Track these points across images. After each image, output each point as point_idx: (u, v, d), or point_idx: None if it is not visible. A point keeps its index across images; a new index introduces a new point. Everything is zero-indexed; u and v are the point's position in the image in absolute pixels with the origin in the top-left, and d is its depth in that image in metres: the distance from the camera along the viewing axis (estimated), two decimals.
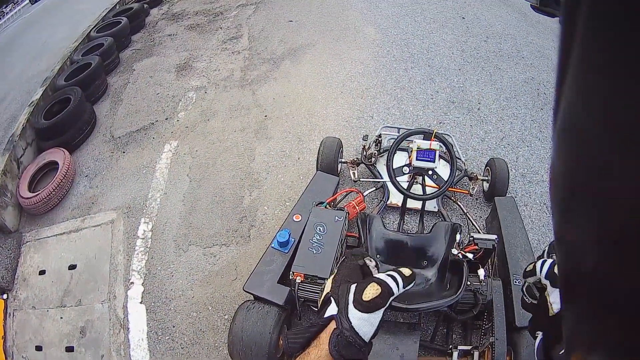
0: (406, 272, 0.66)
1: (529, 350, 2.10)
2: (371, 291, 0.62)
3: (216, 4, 7.25)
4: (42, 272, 3.41)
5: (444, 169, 3.16)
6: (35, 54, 7.49)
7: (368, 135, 3.34)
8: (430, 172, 2.95)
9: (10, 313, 3.26)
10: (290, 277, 2.26)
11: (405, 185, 2.88)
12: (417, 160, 2.87)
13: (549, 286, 0.71)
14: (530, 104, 4.33)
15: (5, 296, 3.37)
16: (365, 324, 0.61)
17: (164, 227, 3.44)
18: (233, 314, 2.32)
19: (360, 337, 0.61)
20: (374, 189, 3.26)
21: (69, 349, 2.94)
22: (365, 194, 2.98)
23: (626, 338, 0.23)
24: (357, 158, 3.32)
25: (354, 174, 3.25)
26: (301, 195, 2.86)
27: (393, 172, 2.75)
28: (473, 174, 3.28)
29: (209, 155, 3.98)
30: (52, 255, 3.51)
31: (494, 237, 2.39)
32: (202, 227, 3.39)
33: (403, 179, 2.94)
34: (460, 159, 3.33)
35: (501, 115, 4.19)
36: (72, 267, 3.37)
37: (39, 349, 3.02)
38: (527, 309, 0.82)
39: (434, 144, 2.86)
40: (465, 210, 3.16)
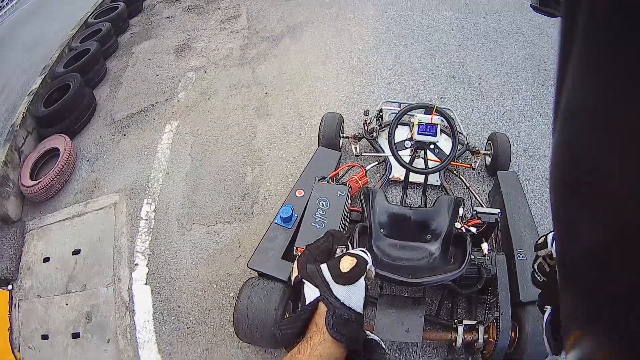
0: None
1: (534, 325, 2.05)
2: (347, 262, 0.61)
3: None
4: (47, 260, 3.36)
5: (445, 143, 3.09)
6: (32, 45, 7.34)
7: (369, 110, 3.25)
8: (432, 146, 2.89)
9: (15, 304, 3.21)
10: (294, 253, 2.24)
11: (407, 159, 2.82)
12: (419, 134, 2.81)
13: None
14: (530, 79, 4.23)
15: (10, 287, 3.32)
16: (352, 295, 0.61)
17: (167, 207, 3.38)
18: (238, 291, 2.27)
19: (353, 310, 0.60)
20: (376, 163, 3.18)
21: (75, 336, 2.90)
22: (367, 168, 2.92)
23: (620, 321, 0.23)
24: (359, 133, 3.23)
25: (355, 148, 3.17)
26: (303, 170, 2.79)
27: (395, 146, 2.69)
28: (475, 148, 3.21)
29: (210, 134, 3.90)
30: (56, 242, 3.45)
31: (497, 211, 2.34)
32: (205, 206, 3.33)
33: (405, 153, 2.89)
34: (462, 133, 3.26)
35: (502, 90, 4.10)
36: (76, 253, 3.31)
37: (45, 337, 2.96)
38: (538, 286, 0.80)
39: (435, 118, 2.79)
40: (468, 184, 3.09)
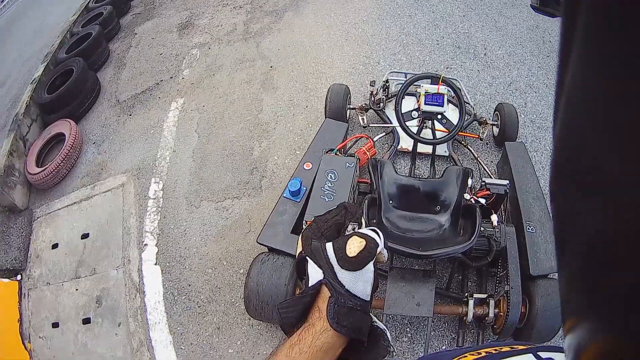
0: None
1: (544, 300, 2.01)
2: (354, 245, 0.52)
3: None
4: (55, 246, 3.28)
5: (453, 114, 3.00)
6: (33, 34, 7.18)
7: (375, 80, 3.15)
8: (440, 116, 2.81)
9: (25, 294, 3.13)
10: (304, 227, 2.14)
11: (414, 130, 2.75)
12: (426, 104, 2.74)
13: None
14: (536, 50, 4.09)
15: (19, 277, 3.23)
16: (359, 282, 0.52)
17: (175, 185, 3.32)
18: (248, 267, 2.22)
19: (358, 298, 0.52)
20: (384, 134, 3.10)
21: (86, 321, 2.83)
22: (375, 139, 2.84)
23: (613, 310, 0.21)
24: (366, 104, 3.14)
25: (362, 119, 3.08)
26: (311, 143, 2.72)
27: (402, 117, 2.61)
28: (482, 118, 3.12)
29: (216, 110, 3.80)
30: (64, 227, 3.37)
31: (506, 182, 2.27)
32: (213, 182, 3.26)
33: (412, 124, 2.80)
34: (469, 104, 3.16)
35: (507, 61, 3.97)
36: (85, 236, 3.23)
37: (55, 325, 2.89)
38: None
39: (442, 88, 2.72)
40: (476, 155, 3.01)
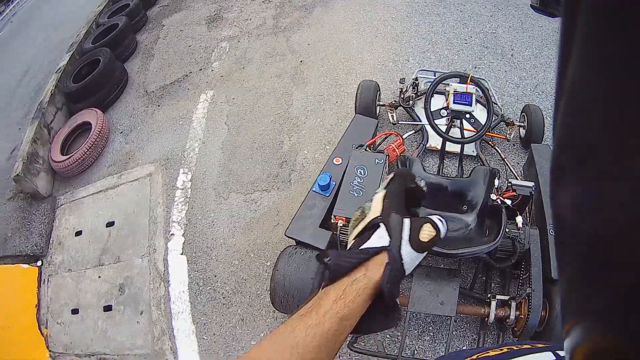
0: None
1: None
2: (427, 232, 0.58)
3: None
4: (79, 233, 3.29)
5: (480, 113, 2.98)
6: (57, 24, 7.17)
7: (405, 78, 3.14)
8: (468, 116, 2.81)
9: (44, 279, 3.12)
10: (332, 221, 2.18)
11: (443, 128, 2.75)
12: (455, 103, 2.72)
13: None
14: None
15: (39, 263, 3.23)
16: (414, 262, 0.58)
17: (204, 176, 3.34)
18: (275, 260, 2.22)
19: (404, 272, 0.58)
20: (413, 132, 3.09)
21: (107, 308, 2.81)
22: (404, 137, 2.85)
23: (613, 311, 0.21)
24: (395, 101, 3.13)
25: (392, 116, 3.08)
26: (341, 138, 2.72)
27: (431, 115, 2.61)
28: (510, 119, 3.09)
29: (246, 103, 3.82)
30: (89, 215, 3.37)
31: (531, 184, 2.24)
32: (242, 174, 3.27)
33: (441, 122, 2.79)
34: (496, 104, 3.14)
35: (534, 62, 3.90)
36: (110, 225, 3.23)
37: (75, 312, 2.87)
38: None
39: (470, 88, 2.69)
40: (503, 156, 2.99)
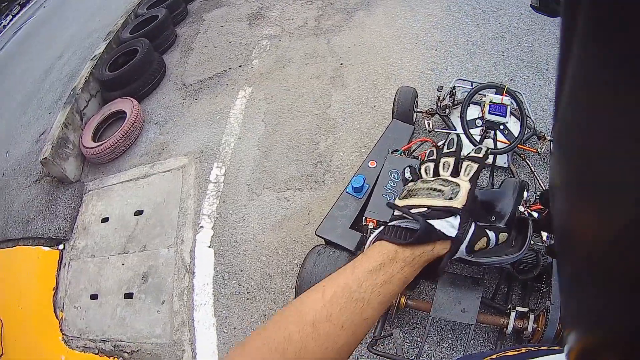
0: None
1: None
2: (480, 244, 0.61)
3: None
4: (105, 220, 3.28)
5: (514, 126, 3.01)
6: (93, 12, 7.28)
7: (442, 86, 3.18)
8: (502, 127, 2.84)
9: (65, 263, 3.11)
10: (363, 223, 2.20)
11: (477, 138, 2.80)
12: (490, 114, 2.75)
13: None
14: None
15: (61, 247, 3.23)
16: (459, 257, 0.61)
17: (237, 172, 3.36)
18: (303, 258, 2.21)
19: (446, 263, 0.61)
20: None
21: (128, 296, 2.80)
22: (439, 144, 2.92)
23: (612, 311, 0.21)
24: (432, 108, 3.17)
25: (428, 124, 3.12)
26: (377, 142, 2.78)
27: (467, 124, 2.66)
28: (542, 133, 3.10)
29: (284, 102, 3.90)
30: (117, 203, 3.37)
31: None
32: (277, 172, 3.29)
33: (475, 132, 2.84)
34: (530, 117, 3.16)
35: None
36: (139, 213, 3.23)
37: (94, 297, 2.87)
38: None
39: (505, 99, 2.72)
40: (533, 169, 3.02)
